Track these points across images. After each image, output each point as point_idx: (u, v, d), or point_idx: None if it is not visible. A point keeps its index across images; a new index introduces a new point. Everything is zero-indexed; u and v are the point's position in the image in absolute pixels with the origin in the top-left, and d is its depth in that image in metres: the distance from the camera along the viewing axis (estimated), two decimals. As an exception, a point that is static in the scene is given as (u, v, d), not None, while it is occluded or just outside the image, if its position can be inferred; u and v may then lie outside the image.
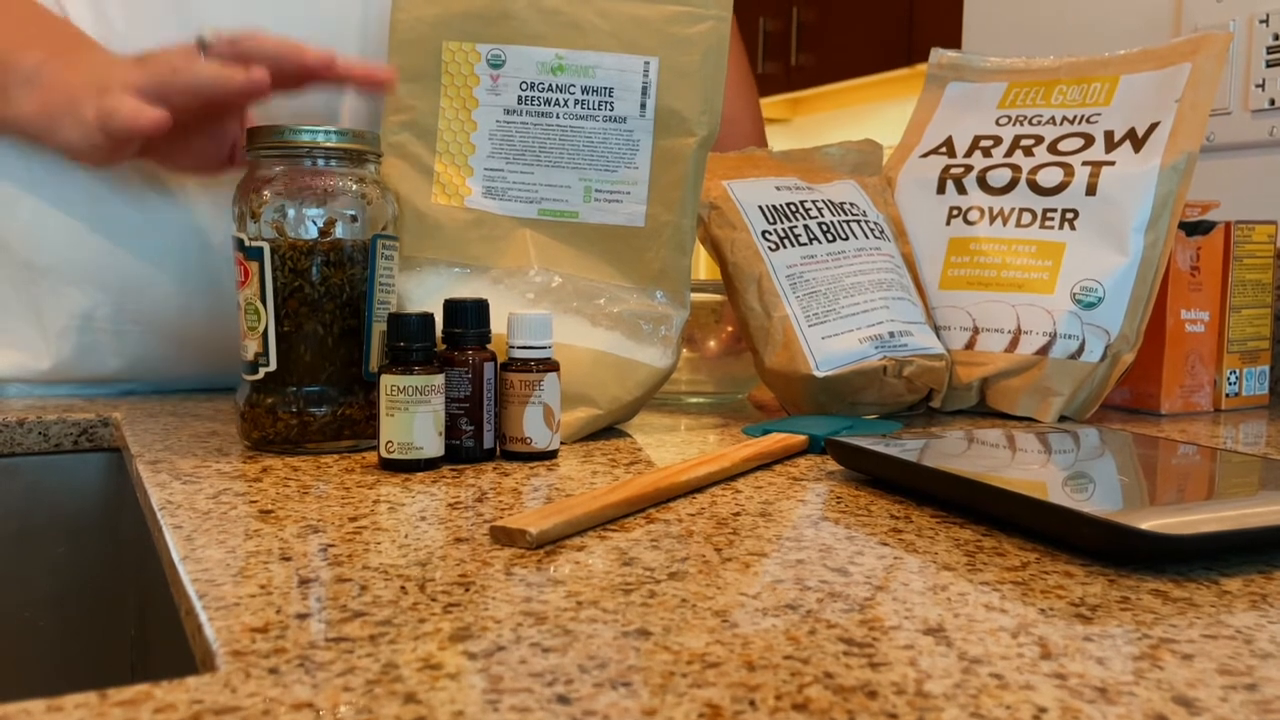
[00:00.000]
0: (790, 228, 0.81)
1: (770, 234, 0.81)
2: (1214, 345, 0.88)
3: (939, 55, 0.96)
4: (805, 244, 0.81)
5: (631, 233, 0.72)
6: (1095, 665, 0.33)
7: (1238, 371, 0.89)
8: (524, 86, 0.71)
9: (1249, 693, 0.31)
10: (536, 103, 0.71)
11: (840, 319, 0.78)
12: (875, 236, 0.84)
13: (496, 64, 0.71)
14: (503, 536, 0.46)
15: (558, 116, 0.71)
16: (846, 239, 0.82)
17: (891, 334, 0.78)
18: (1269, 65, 0.99)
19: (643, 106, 0.72)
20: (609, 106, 0.71)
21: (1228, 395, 0.89)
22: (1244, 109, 1.01)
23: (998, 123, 0.90)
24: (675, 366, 0.74)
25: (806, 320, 0.77)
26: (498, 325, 0.65)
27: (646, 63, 0.71)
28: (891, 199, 0.90)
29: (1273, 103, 0.99)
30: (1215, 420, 0.84)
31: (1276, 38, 0.98)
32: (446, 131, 0.71)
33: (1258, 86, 1.00)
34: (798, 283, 0.79)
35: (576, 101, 0.71)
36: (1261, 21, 0.99)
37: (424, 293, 0.70)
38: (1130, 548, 0.43)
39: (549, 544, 0.46)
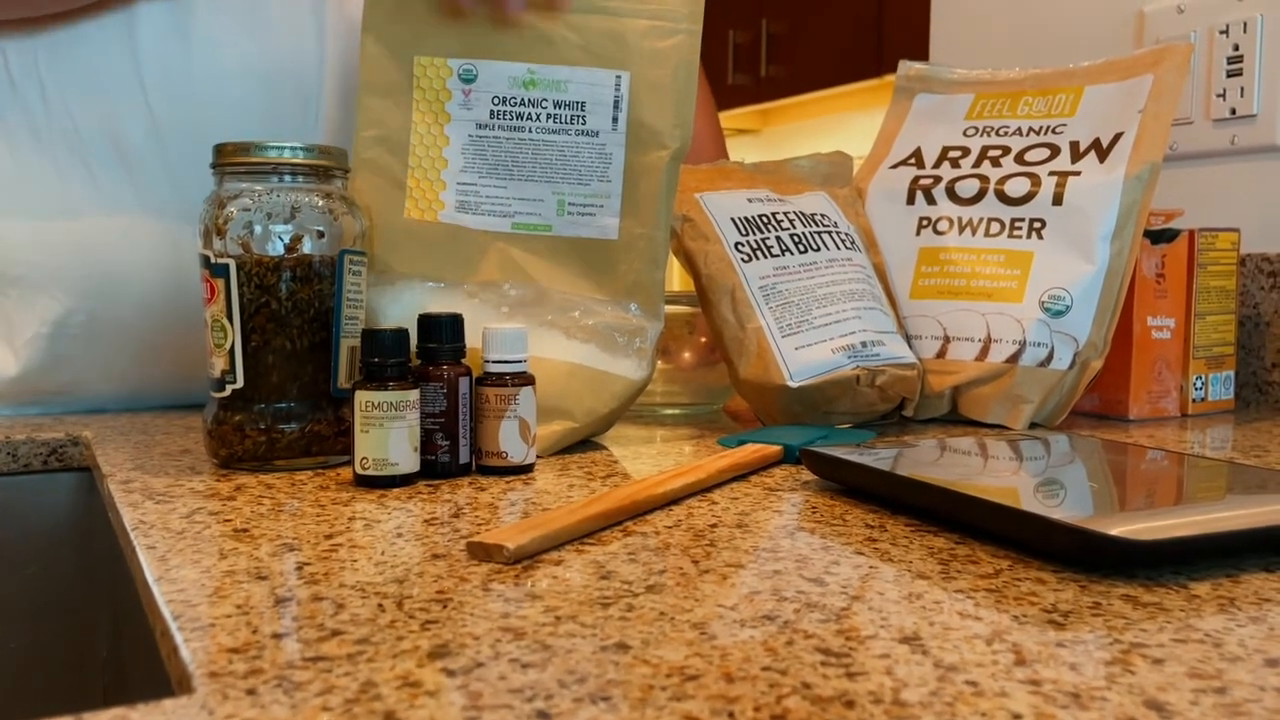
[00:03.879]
0: (763, 239, 0.82)
1: (743, 245, 0.81)
2: (1180, 351, 0.89)
3: (907, 67, 0.97)
4: (778, 255, 0.81)
5: (605, 246, 0.72)
6: (1068, 671, 0.33)
7: (1204, 377, 0.91)
8: (496, 101, 0.71)
9: (1219, 696, 0.32)
10: (509, 117, 0.71)
11: (813, 329, 0.78)
12: (847, 247, 0.85)
13: (468, 79, 0.71)
14: (480, 552, 0.46)
15: (530, 131, 0.71)
16: (818, 250, 0.83)
17: (864, 344, 0.79)
18: (1229, 75, 1.01)
19: (615, 120, 0.72)
20: (581, 120, 0.72)
21: (1194, 400, 0.90)
22: (1206, 118, 1.03)
23: (965, 134, 0.91)
24: (650, 378, 0.74)
25: (780, 331, 0.78)
26: (473, 339, 0.65)
27: (618, 77, 0.72)
28: (862, 210, 0.91)
29: (1234, 112, 1.01)
30: (1182, 425, 0.85)
31: (1237, 48, 1.00)
32: (419, 146, 0.71)
33: (1219, 96, 1.02)
34: (771, 294, 0.79)
35: (549, 116, 0.71)
36: (1221, 32, 1.01)
37: (399, 309, 0.70)
38: (1101, 553, 0.44)
39: (526, 559, 0.46)
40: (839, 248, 0.84)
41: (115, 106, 0.81)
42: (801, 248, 0.82)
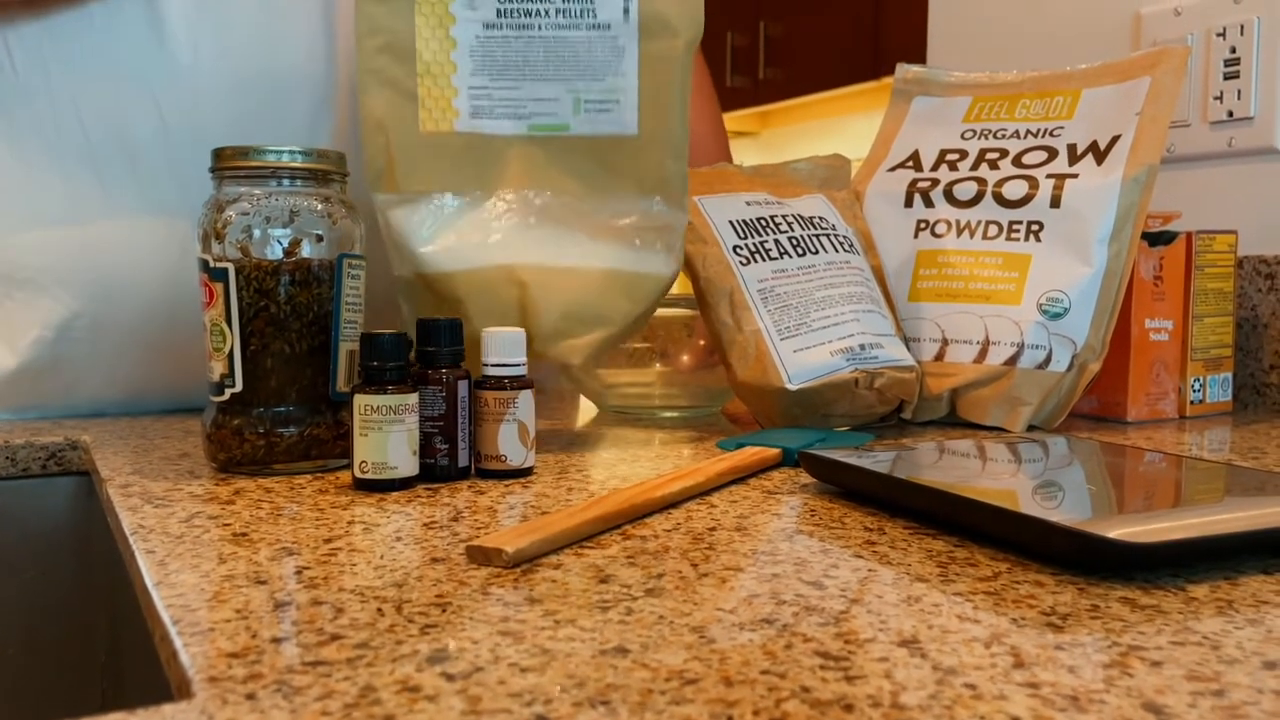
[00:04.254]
0: (761, 242, 0.82)
1: (741, 248, 0.81)
2: (1178, 353, 0.89)
3: (904, 70, 0.98)
4: (776, 258, 0.81)
5: (624, 141, 0.72)
6: (1067, 674, 0.34)
7: (1202, 379, 0.91)
8: None
9: (1216, 698, 0.32)
10: (516, 14, 0.69)
11: (811, 332, 0.78)
12: (845, 250, 0.85)
13: None
14: (479, 556, 0.46)
15: (540, 28, 0.70)
16: (817, 253, 0.83)
17: (862, 346, 0.79)
18: (1226, 78, 1.01)
19: (626, 11, 0.70)
20: (591, 14, 0.70)
21: (1192, 402, 0.90)
22: (1203, 121, 1.03)
23: (963, 136, 0.91)
24: (678, 273, 0.74)
25: (778, 333, 0.78)
26: (504, 250, 0.64)
27: None
28: (860, 213, 0.91)
29: (1231, 114, 1.01)
30: (1181, 427, 0.86)
31: (1233, 51, 1.00)
32: (425, 51, 0.69)
33: (1216, 99, 1.02)
34: (769, 296, 0.79)
35: (558, 11, 0.70)
36: (1218, 35, 1.01)
37: (429, 231, 0.68)
38: (1099, 556, 0.44)
39: (525, 562, 0.46)
40: (837, 250, 0.84)
41: (123, 109, 0.81)
42: (800, 250, 0.82)
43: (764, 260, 0.81)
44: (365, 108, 0.69)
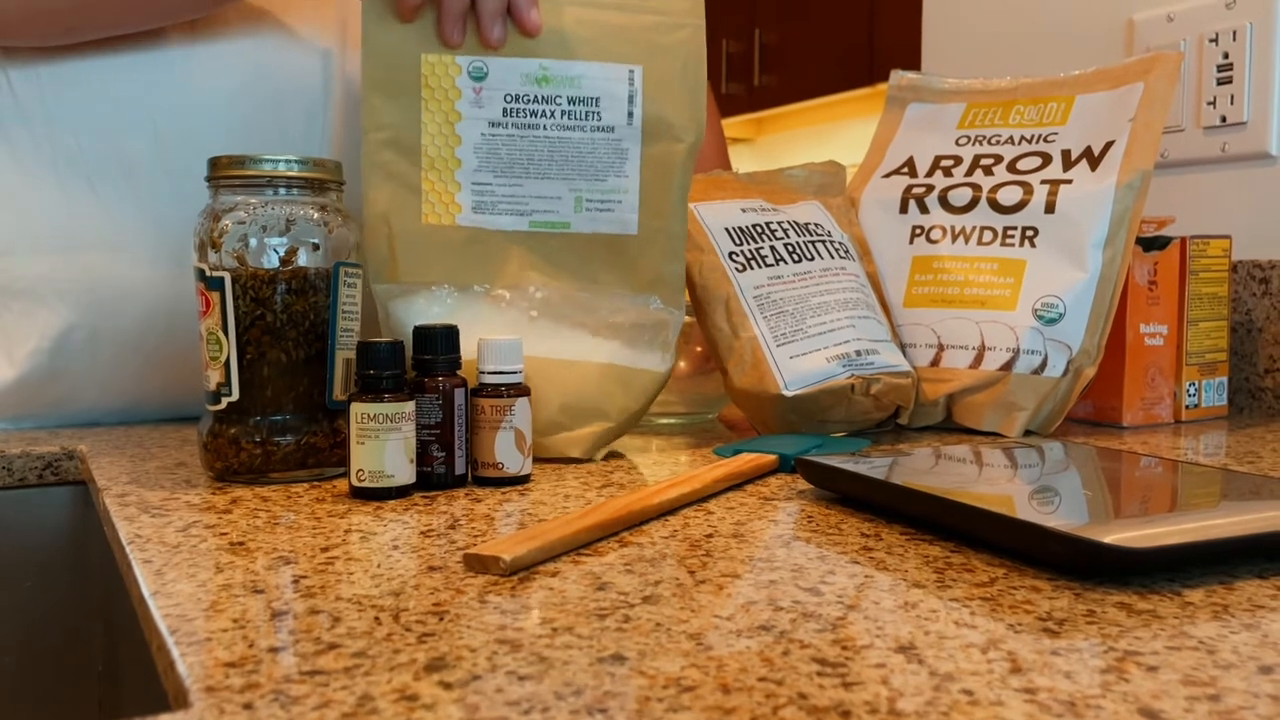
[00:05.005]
0: (757, 249, 0.82)
1: (737, 255, 0.81)
2: (1173, 358, 0.90)
3: (899, 77, 0.98)
4: (772, 265, 0.82)
5: (624, 241, 0.73)
6: (1063, 679, 0.34)
7: (1197, 383, 0.91)
8: (509, 99, 0.70)
9: (1212, 703, 0.32)
10: (523, 114, 0.71)
11: (808, 338, 0.79)
12: (840, 256, 0.85)
13: (478, 76, 0.70)
14: (477, 564, 0.46)
15: (544, 128, 0.71)
16: (812, 259, 0.83)
17: (858, 352, 0.79)
18: (1219, 83, 1.01)
19: (630, 115, 0.72)
20: (596, 116, 0.71)
21: (1188, 407, 0.91)
22: (1196, 126, 1.04)
23: (958, 143, 0.92)
24: (671, 372, 0.75)
25: (774, 340, 0.78)
26: (474, 351, 0.65)
27: (631, 71, 0.71)
28: (855, 219, 0.91)
29: (1224, 119, 1.01)
30: (1176, 432, 0.86)
31: (1226, 56, 1.01)
32: (431, 146, 0.70)
33: (1209, 104, 1.02)
34: (765, 303, 0.80)
35: (563, 112, 0.71)
36: (1211, 40, 1.01)
37: (427, 318, 0.69)
38: (1095, 561, 0.44)
39: (523, 570, 0.46)
40: (833, 256, 0.84)
41: (119, 122, 0.82)
42: (795, 257, 0.83)
43: (760, 267, 0.81)
44: (369, 200, 0.70)
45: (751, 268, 0.81)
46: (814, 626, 0.39)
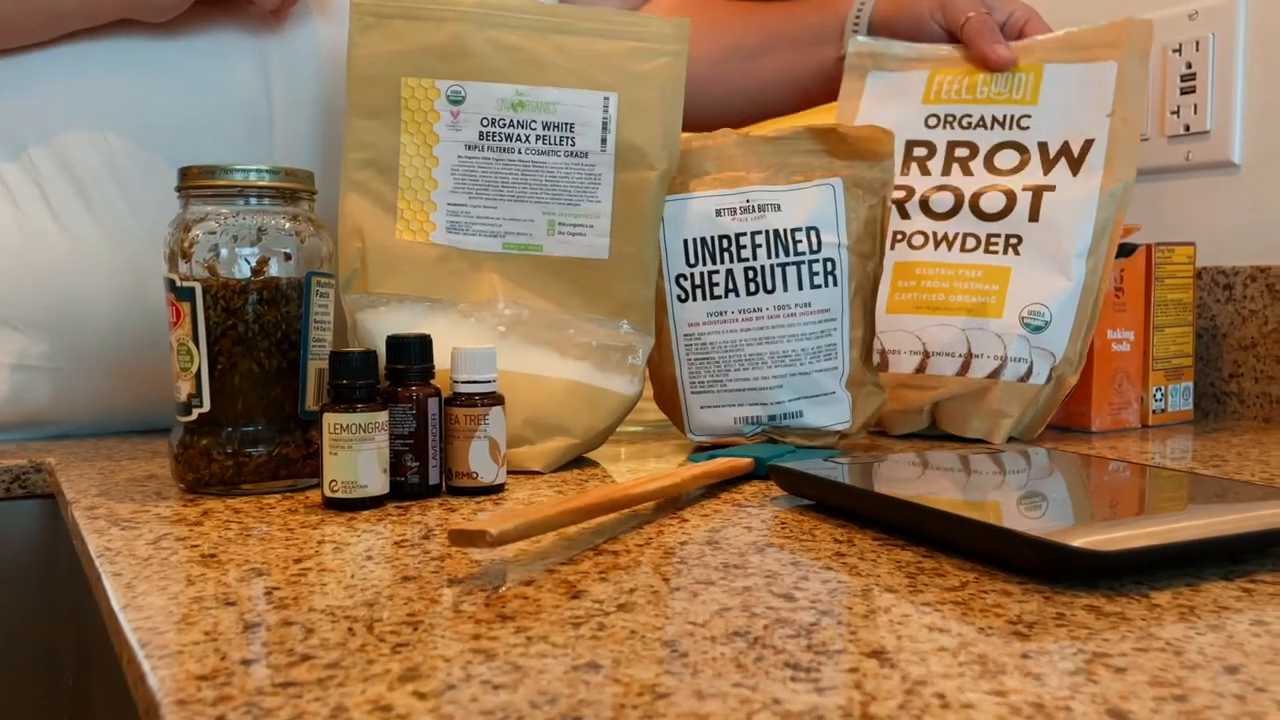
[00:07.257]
0: (709, 273, 0.76)
1: (685, 280, 0.76)
2: (1140, 363, 0.91)
3: (857, 44, 0.94)
4: (719, 296, 0.76)
5: (595, 265, 0.73)
6: (1033, 682, 0.34)
7: (1163, 388, 0.92)
8: (485, 122, 0.71)
9: (1179, 703, 0.32)
10: (498, 138, 0.72)
11: (725, 392, 0.77)
12: (811, 285, 0.76)
13: (456, 100, 0.71)
14: (462, 539, 0.46)
15: (519, 152, 0.72)
16: (771, 291, 0.76)
17: (772, 416, 0.77)
18: (1183, 93, 1.03)
19: (603, 141, 0.72)
20: (570, 142, 0.72)
21: (1154, 412, 0.92)
22: (1161, 135, 1.05)
23: (927, 124, 0.89)
24: (641, 394, 0.75)
25: (691, 386, 0.78)
26: (446, 360, 0.65)
27: (606, 98, 0.72)
28: (889, 195, 0.81)
29: (1187, 129, 1.03)
30: (1144, 436, 0.87)
31: (1189, 66, 1.02)
32: (408, 167, 0.71)
33: (1173, 113, 1.04)
34: (693, 345, 0.77)
35: (538, 137, 0.72)
36: (1175, 51, 1.03)
37: (394, 327, 0.69)
38: (1064, 565, 0.44)
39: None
40: (801, 287, 0.76)
41: (70, 136, 0.81)
42: (752, 287, 0.75)
43: (703, 299, 0.76)
44: (344, 214, 0.71)
45: (695, 298, 0.76)
46: (787, 632, 0.39)
